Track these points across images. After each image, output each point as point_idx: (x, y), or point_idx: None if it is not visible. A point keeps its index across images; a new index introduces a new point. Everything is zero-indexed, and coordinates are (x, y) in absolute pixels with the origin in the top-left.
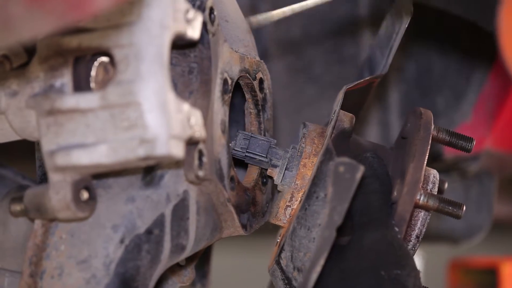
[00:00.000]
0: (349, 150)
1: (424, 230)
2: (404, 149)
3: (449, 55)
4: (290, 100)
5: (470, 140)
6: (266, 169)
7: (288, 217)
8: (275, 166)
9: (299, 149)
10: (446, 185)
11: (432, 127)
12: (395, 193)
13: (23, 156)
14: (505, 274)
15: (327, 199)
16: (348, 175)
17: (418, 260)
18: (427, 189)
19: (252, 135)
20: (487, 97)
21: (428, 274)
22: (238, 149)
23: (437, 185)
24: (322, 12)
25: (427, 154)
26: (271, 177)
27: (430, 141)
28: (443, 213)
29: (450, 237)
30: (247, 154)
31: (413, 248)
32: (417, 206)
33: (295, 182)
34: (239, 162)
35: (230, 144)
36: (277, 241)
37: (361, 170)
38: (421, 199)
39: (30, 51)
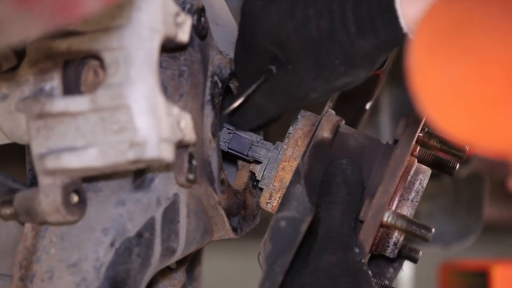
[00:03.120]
0: (327, 158)
1: (401, 238)
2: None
3: None
4: None
5: (463, 147)
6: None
7: (270, 210)
8: (258, 162)
9: (280, 150)
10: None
11: (415, 140)
12: (362, 214)
13: (14, 159)
14: (496, 276)
15: (265, 250)
16: (291, 229)
17: (408, 263)
18: (408, 199)
19: (235, 131)
20: None
21: (419, 277)
22: (221, 143)
23: (421, 193)
24: None
25: (399, 175)
26: None
27: (405, 161)
28: (411, 234)
29: (441, 240)
30: (229, 149)
31: (392, 253)
32: (384, 226)
33: (273, 184)
34: (230, 162)
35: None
36: None
37: (305, 222)
38: (389, 220)
39: (20, 54)
